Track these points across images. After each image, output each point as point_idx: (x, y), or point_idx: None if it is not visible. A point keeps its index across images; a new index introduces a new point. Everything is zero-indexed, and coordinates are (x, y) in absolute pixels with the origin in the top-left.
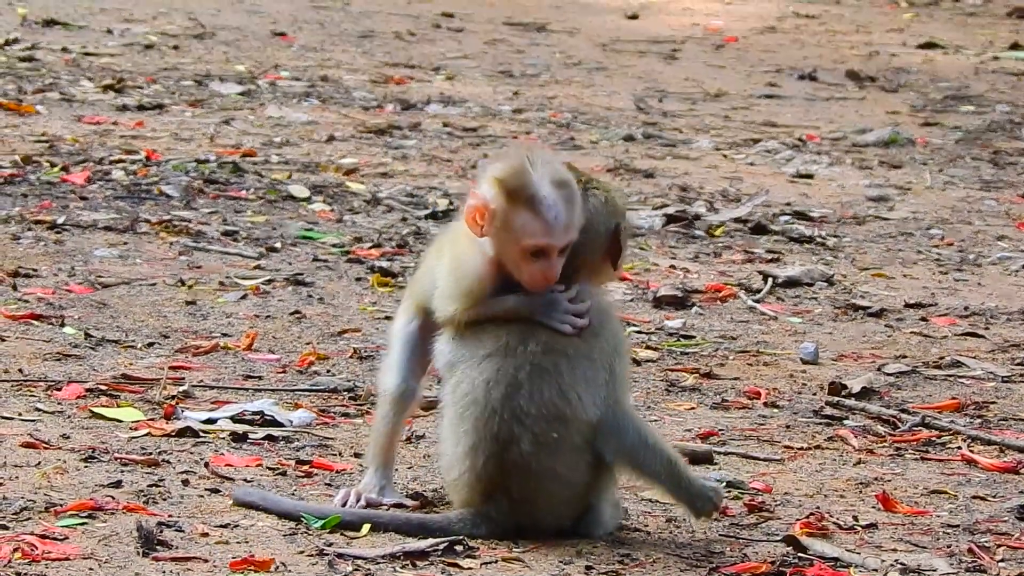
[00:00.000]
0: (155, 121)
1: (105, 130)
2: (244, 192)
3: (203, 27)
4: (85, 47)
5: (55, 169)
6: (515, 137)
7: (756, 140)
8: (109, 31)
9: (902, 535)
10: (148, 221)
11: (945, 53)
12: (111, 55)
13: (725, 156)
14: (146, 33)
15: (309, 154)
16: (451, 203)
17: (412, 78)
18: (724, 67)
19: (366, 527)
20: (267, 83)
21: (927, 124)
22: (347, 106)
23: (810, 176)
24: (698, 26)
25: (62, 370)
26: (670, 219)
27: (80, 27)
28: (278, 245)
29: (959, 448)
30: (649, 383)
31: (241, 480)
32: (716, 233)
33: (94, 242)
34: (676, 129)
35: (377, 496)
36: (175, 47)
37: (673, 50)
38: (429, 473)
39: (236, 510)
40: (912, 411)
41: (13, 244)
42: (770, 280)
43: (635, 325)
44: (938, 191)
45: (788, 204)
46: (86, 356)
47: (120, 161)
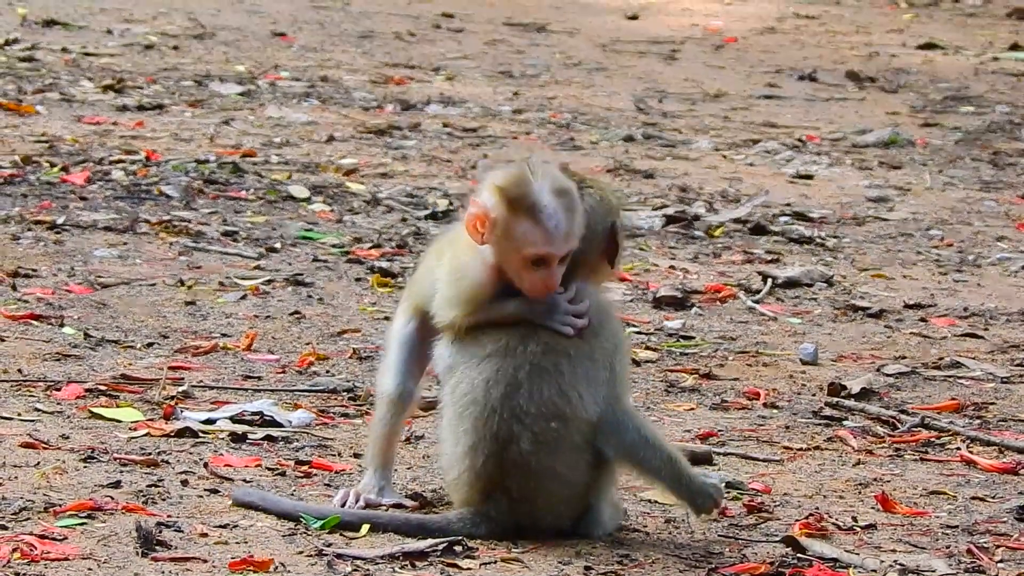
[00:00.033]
0: (155, 121)
1: (105, 130)
2: (244, 192)
3: (203, 27)
4: (85, 47)
5: (55, 169)
6: (515, 138)
7: (756, 141)
8: (109, 31)
9: (901, 536)
10: (148, 221)
11: (945, 54)
12: (111, 55)
13: (725, 157)
14: (146, 33)
15: (309, 154)
16: (451, 203)
17: (412, 78)
18: (724, 68)
19: (365, 527)
20: (267, 83)
21: (927, 125)
22: (347, 106)
23: (810, 177)
24: (698, 27)
25: (61, 370)
26: (670, 220)
27: (80, 27)
28: (278, 245)
29: (958, 449)
30: (649, 384)
31: (240, 480)
32: (716, 234)
33: (94, 242)
34: (676, 130)
35: (376, 497)
36: (175, 47)
37: (673, 51)
38: (428, 474)
39: (235, 510)
40: (911, 412)
41: (13, 244)
42: (770, 281)
43: (635, 326)
44: (938, 192)
45: (788, 205)
46: (85, 356)
47: (120, 161)
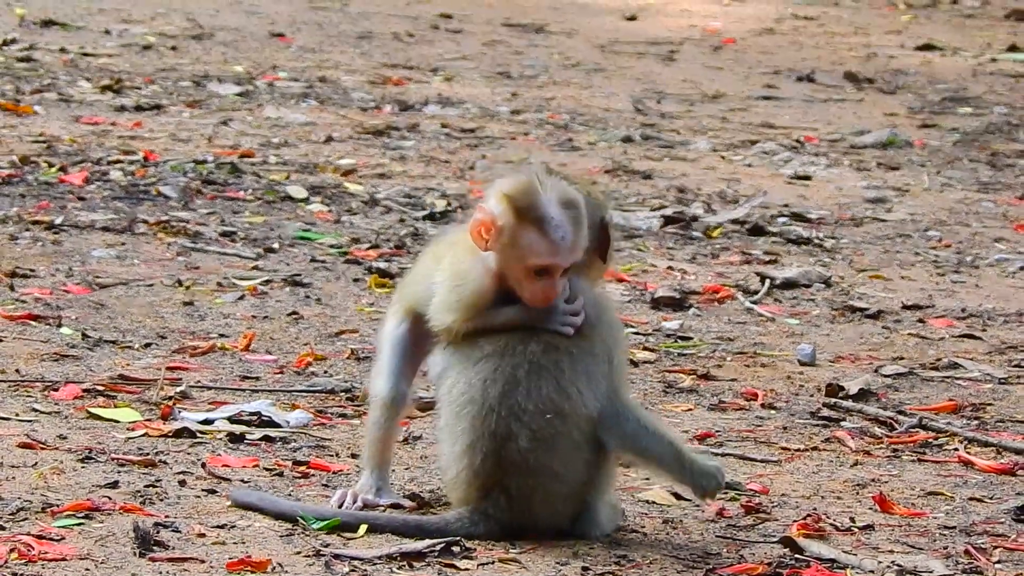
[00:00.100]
0: (153, 122)
1: (103, 130)
2: (242, 193)
3: (201, 28)
4: (83, 48)
5: (53, 169)
6: (513, 138)
7: (754, 141)
8: (107, 32)
9: (899, 536)
10: (146, 222)
11: (943, 55)
12: (109, 56)
13: (723, 157)
14: (144, 34)
15: (307, 155)
16: (449, 204)
17: (410, 79)
18: (722, 69)
19: (363, 528)
20: (265, 84)
21: (925, 126)
22: (345, 107)
23: (808, 178)
24: (696, 27)
25: (59, 370)
26: (668, 220)
27: (78, 28)
28: (276, 246)
29: (956, 450)
30: (646, 384)
31: (238, 481)
32: (714, 234)
33: (92, 242)
34: (674, 130)
35: (373, 497)
36: (173, 48)
37: (671, 51)
38: (426, 474)
39: (233, 511)
40: (909, 413)
41: (11, 244)
42: (768, 281)
43: (633, 326)
44: (936, 193)
45: (786, 205)
46: (83, 356)
47: (118, 162)
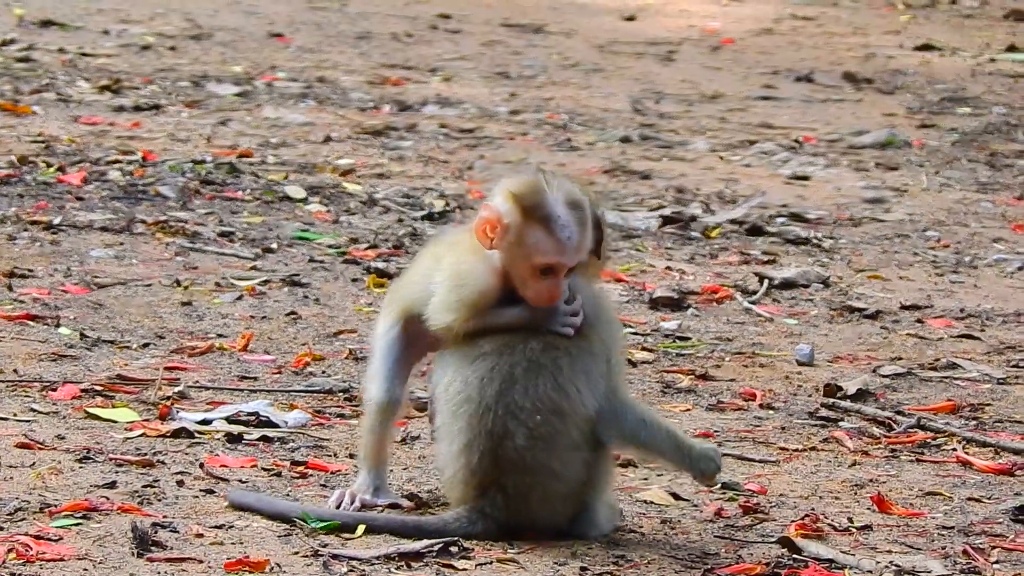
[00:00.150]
0: (151, 122)
1: (101, 131)
2: (240, 193)
3: (200, 28)
4: (82, 48)
5: (51, 169)
6: (512, 139)
7: (752, 142)
8: (106, 32)
9: (897, 537)
10: (144, 222)
11: (942, 55)
12: (108, 56)
13: (721, 158)
14: (143, 34)
15: (305, 155)
16: (447, 204)
17: (409, 79)
18: (721, 69)
19: (361, 528)
20: (264, 84)
21: (924, 126)
22: (344, 107)
23: (806, 178)
24: (695, 28)
25: (57, 370)
26: (666, 220)
27: (77, 28)
28: (274, 246)
29: (954, 450)
30: (645, 384)
31: (236, 481)
32: (712, 235)
33: (90, 242)
34: (672, 131)
35: (371, 497)
36: (172, 48)
37: (670, 52)
38: (424, 474)
39: (231, 511)
40: (907, 413)
41: (9, 244)
42: (766, 282)
43: (631, 326)
44: (934, 193)
45: (784, 206)
46: (81, 356)
47: (116, 162)
